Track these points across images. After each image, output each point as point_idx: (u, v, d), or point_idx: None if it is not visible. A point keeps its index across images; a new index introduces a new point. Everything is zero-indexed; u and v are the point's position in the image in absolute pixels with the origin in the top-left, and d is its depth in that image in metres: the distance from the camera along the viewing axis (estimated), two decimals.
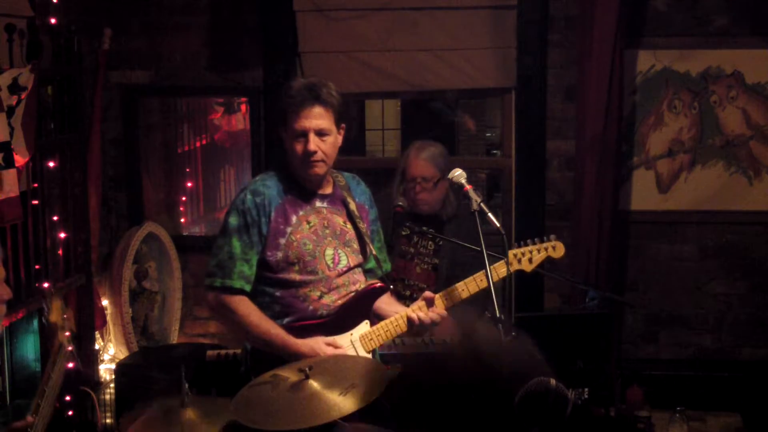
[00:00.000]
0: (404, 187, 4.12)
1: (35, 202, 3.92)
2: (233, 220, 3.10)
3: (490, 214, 3.16)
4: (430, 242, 4.19)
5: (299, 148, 3.07)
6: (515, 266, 3.38)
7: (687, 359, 4.91)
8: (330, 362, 2.80)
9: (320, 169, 3.12)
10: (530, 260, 3.41)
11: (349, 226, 3.22)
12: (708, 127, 4.80)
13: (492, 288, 3.05)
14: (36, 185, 3.92)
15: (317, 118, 3.06)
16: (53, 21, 4.09)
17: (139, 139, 5.09)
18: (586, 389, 3.94)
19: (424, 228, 4.00)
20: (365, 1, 4.85)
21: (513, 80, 4.83)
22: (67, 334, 2.68)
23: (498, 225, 3.15)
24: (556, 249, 3.45)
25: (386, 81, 4.90)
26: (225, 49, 4.97)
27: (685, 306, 4.90)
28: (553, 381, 3.42)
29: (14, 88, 3.58)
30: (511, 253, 3.36)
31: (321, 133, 3.07)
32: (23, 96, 3.61)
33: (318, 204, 3.17)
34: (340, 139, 3.15)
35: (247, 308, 3.07)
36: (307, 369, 2.59)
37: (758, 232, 4.83)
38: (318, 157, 3.07)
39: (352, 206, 3.22)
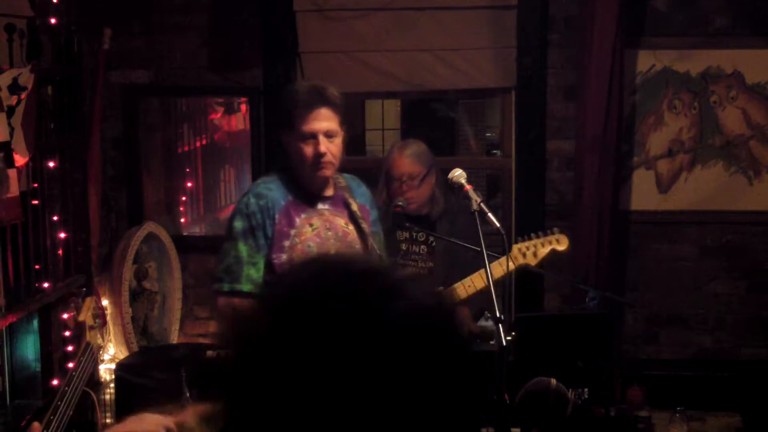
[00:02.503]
0: (389, 187, 4.09)
1: (35, 202, 3.92)
2: (238, 224, 3.10)
3: (490, 214, 3.16)
4: (422, 246, 4.18)
5: (308, 150, 3.07)
6: (520, 260, 3.43)
7: (687, 359, 4.91)
8: None
9: (329, 171, 3.12)
10: (535, 254, 3.46)
11: (350, 227, 3.22)
12: (708, 127, 4.80)
13: (492, 288, 3.05)
14: (36, 185, 3.92)
15: (326, 119, 3.07)
16: (53, 21, 4.09)
17: (139, 139, 5.09)
18: (586, 389, 3.94)
19: (426, 232, 4.00)
20: (365, 1, 4.85)
21: (513, 80, 4.83)
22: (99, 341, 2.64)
23: (498, 225, 3.15)
24: (560, 242, 3.50)
25: (386, 81, 4.90)
26: (225, 49, 4.97)
27: (685, 306, 4.90)
28: (553, 381, 3.43)
29: (14, 88, 3.58)
30: (515, 247, 3.40)
31: (329, 135, 3.08)
32: (23, 96, 3.61)
33: (320, 206, 3.18)
34: (342, 140, 3.16)
35: None
36: None
37: (758, 232, 4.82)
38: (327, 159, 3.08)
39: (354, 207, 3.23)
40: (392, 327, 0.90)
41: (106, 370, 4.73)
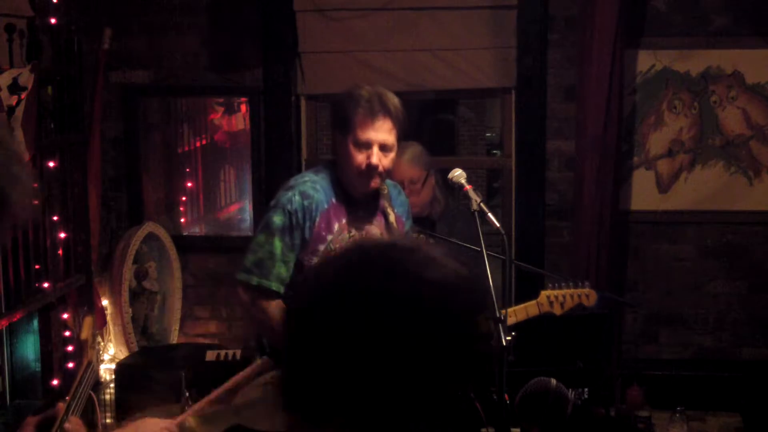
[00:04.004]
0: None
1: (35, 202, 3.92)
2: (278, 220, 3.02)
3: (490, 214, 3.15)
4: None
5: (360, 158, 3.00)
6: (546, 308, 3.39)
7: (687, 359, 4.91)
8: None
9: (376, 183, 3.06)
10: (562, 305, 3.42)
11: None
12: (708, 127, 4.80)
13: (492, 288, 3.05)
14: (36, 185, 3.92)
15: (385, 132, 3.01)
16: (53, 21, 4.09)
17: (139, 139, 5.09)
18: (586, 389, 3.94)
19: (426, 233, 3.99)
20: (365, 1, 4.85)
21: (513, 80, 4.83)
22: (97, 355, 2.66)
23: (498, 225, 3.15)
24: (590, 298, 3.46)
25: (386, 81, 4.89)
26: (225, 49, 4.97)
27: (685, 306, 4.90)
28: (553, 381, 3.43)
29: (14, 88, 3.58)
30: (544, 293, 3.37)
31: (384, 148, 3.01)
32: (23, 96, 3.61)
33: (360, 213, 3.14)
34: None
35: (278, 312, 3.05)
36: None
37: (758, 232, 4.82)
38: (378, 171, 3.02)
39: (392, 218, 3.18)
40: (424, 293, 1.07)
41: (106, 370, 4.73)
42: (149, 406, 2.76)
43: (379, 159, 3.00)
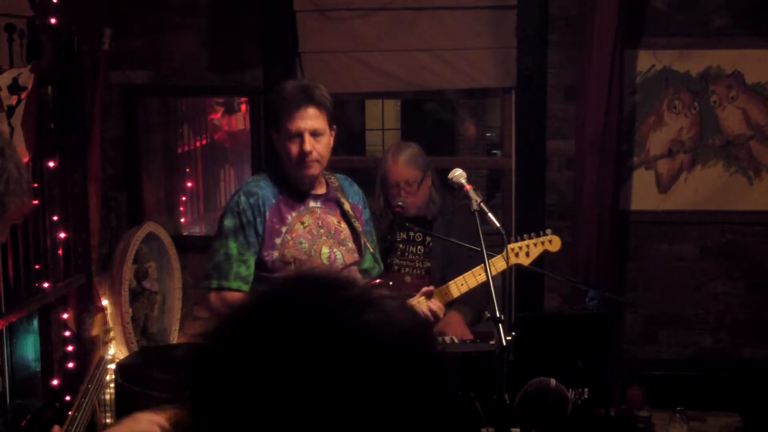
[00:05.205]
0: (386, 194, 4.07)
1: (35, 202, 3.92)
2: (228, 222, 3.13)
3: (490, 214, 3.16)
4: (419, 246, 4.17)
5: (294, 149, 3.11)
6: (513, 260, 3.47)
7: (687, 359, 4.91)
8: None
9: (315, 170, 3.16)
10: (527, 254, 3.50)
11: (343, 225, 3.25)
12: (708, 127, 4.80)
13: (492, 288, 3.05)
14: (36, 185, 3.92)
15: (312, 118, 3.11)
16: (53, 21, 4.09)
17: (139, 139, 5.09)
18: (586, 389, 3.94)
19: (425, 232, 4.00)
20: (365, 1, 4.85)
21: (513, 80, 4.83)
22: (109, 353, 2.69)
23: (498, 225, 3.15)
24: (553, 242, 3.55)
25: (386, 81, 4.90)
26: (225, 49, 4.97)
27: (685, 306, 4.90)
28: (553, 381, 3.43)
29: (14, 88, 3.58)
30: (509, 247, 3.42)
31: (315, 134, 3.12)
32: (23, 96, 3.61)
33: (312, 204, 3.21)
34: (332, 140, 3.18)
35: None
36: None
37: (758, 232, 4.82)
38: (313, 158, 3.12)
39: (347, 206, 3.26)
40: (362, 338, 0.90)
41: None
42: (149, 406, 2.77)
43: (312, 145, 3.10)
